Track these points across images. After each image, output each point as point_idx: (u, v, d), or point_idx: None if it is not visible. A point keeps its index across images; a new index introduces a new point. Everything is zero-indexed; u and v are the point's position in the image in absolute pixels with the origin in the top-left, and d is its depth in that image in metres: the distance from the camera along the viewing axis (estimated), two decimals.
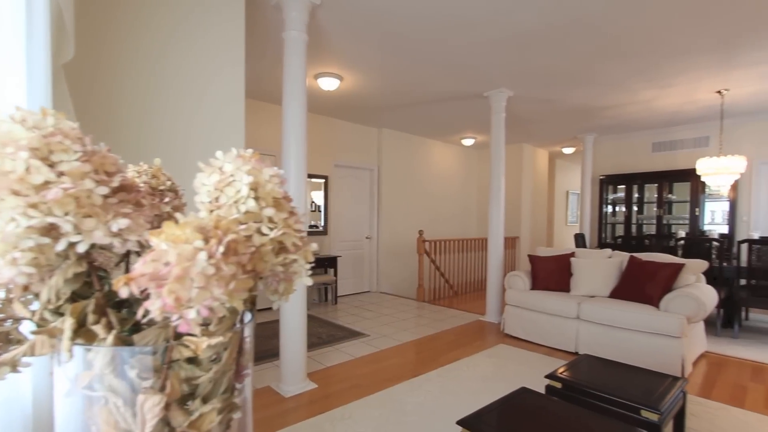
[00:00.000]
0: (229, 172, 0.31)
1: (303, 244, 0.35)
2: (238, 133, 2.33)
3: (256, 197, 0.31)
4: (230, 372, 0.38)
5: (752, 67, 3.82)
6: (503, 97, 4.54)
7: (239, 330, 0.36)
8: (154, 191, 0.43)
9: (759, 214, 5.59)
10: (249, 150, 0.34)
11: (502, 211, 4.69)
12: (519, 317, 4.01)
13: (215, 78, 2.24)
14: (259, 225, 0.30)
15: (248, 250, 0.29)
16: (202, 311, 0.25)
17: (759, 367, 3.28)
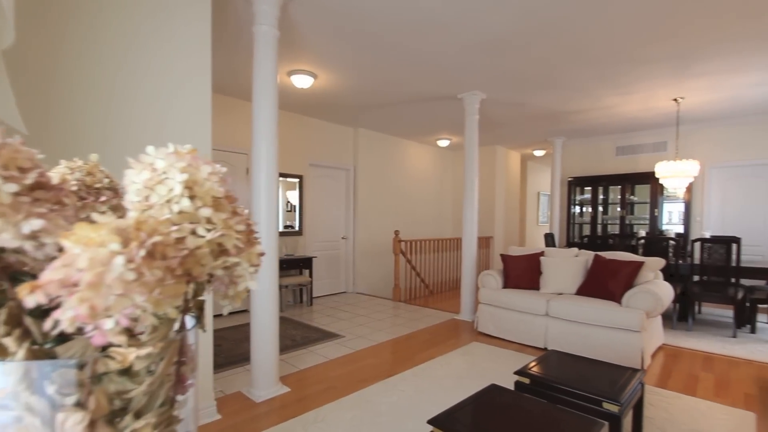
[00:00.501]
0: (161, 169, 0.29)
1: (247, 246, 0.33)
2: (203, 130, 2.25)
3: (191, 196, 0.29)
4: (168, 383, 0.35)
5: (704, 78, 4.04)
6: (476, 99, 4.61)
7: (177, 339, 0.34)
8: (88, 190, 0.40)
9: (711, 214, 5.93)
10: (187, 146, 0.32)
11: (476, 212, 4.77)
12: (492, 315, 4.08)
13: (179, 70, 2.16)
14: (194, 226, 0.29)
15: (180, 253, 0.27)
16: (121, 321, 0.23)
17: (709, 357, 3.48)
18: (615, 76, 4.03)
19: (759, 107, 5.08)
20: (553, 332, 3.60)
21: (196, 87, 2.22)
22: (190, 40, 2.19)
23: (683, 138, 6.04)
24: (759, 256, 5.61)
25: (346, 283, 6.61)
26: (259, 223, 2.67)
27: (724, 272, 4.09)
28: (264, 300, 2.70)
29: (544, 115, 5.54)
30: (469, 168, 4.72)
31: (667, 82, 4.20)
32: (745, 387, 2.87)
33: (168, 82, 2.11)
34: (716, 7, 2.72)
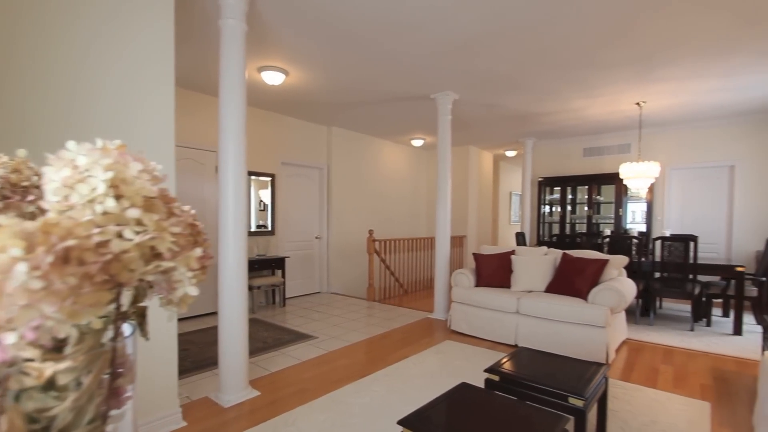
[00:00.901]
0: (83, 167, 0.26)
1: (184, 249, 0.31)
2: (166, 126, 2.17)
3: (118, 196, 0.27)
4: (99, 397, 0.33)
5: (665, 83, 4.24)
6: (449, 99, 4.66)
7: (107, 350, 0.31)
8: (14, 188, 0.37)
9: (671, 214, 6.24)
10: (116, 141, 0.29)
11: (449, 211, 4.82)
12: (464, 313, 4.13)
13: (139, 64, 2.07)
14: (121, 228, 0.26)
15: (101, 258, 0.24)
16: (27, 334, 0.21)
17: (669, 351, 3.65)
18: (581, 79, 4.16)
19: (716, 112, 5.38)
20: (523, 329, 3.68)
21: (159, 81, 2.13)
22: (151, 32, 2.10)
23: (645, 140, 6.33)
24: (714, 253, 5.95)
25: (320, 283, 6.54)
26: (227, 223, 2.60)
27: (683, 269, 4.31)
28: (232, 301, 2.62)
29: (515, 116, 5.66)
30: (442, 168, 4.77)
31: (630, 87, 4.38)
32: (701, 378, 3.03)
33: (128, 76, 2.02)
34: (673, 19, 2.85)
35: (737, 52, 3.47)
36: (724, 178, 5.88)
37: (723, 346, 3.75)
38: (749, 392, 2.78)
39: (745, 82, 4.22)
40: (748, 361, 3.41)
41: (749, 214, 5.63)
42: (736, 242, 5.73)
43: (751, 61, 3.66)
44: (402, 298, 6.33)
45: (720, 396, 2.72)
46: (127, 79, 2.01)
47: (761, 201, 5.55)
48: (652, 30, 3.05)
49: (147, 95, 2.09)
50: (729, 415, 2.45)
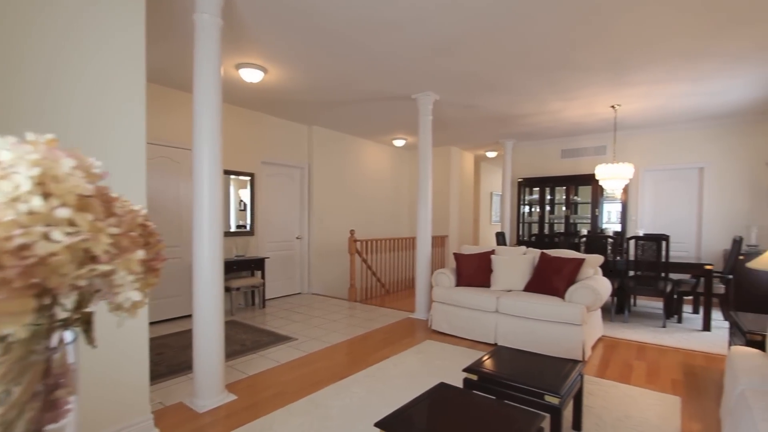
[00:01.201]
0: (6, 162, 0.24)
1: (126, 251, 0.29)
2: (136, 123, 2.09)
3: (46, 194, 0.24)
4: (31, 412, 0.30)
5: (638, 87, 4.37)
6: (430, 100, 4.68)
7: (39, 360, 0.29)
8: None
9: (644, 213, 6.44)
10: (47, 135, 0.27)
11: (430, 211, 4.84)
12: (445, 313, 4.15)
13: (107, 57, 1.99)
14: (49, 229, 0.24)
15: (23, 262, 0.22)
16: None
17: (642, 347, 3.76)
18: (557, 81, 4.24)
19: (686, 116, 5.58)
20: (502, 328, 3.72)
21: (129, 78, 2.06)
22: (121, 27, 2.03)
23: (620, 142, 6.51)
24: (685, 252, 6.16)
25: (301, 284, 6.47)
26: (202, 224, 2.54)
27: (655, 267, 4.45)
28: (208, 303, 2.56)
29: (495, 117, 5.74)
30: (423, 168, 4.78)
31: (605, 90, 4.49)
32: (673, 373, 3.13)
33: (97, 73, 1.94)
34: (645, 22, 2.94)
35: (706, 58, 3.60)
36: (694, 179, 6.11)
37: (693, 342, 3.89)
38: (717, 386, 2.88)
39: (713, 87, 4.38)
40: (716, 356, 3.55)
41: (717, 215, 5.86)
42: (705, 241, 5.95)
43: (719, 66, 3.80)
44: (384, 298, 6.33)
45: (690, 390, 2.81)
46: (96, 75, 1.94)
47: (728, 202, 5.79)
48: (624, 33, 3.14)
49: (116, 92, 2.02)
50: (698, 408, 2.54)
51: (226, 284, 5.00)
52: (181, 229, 4.72)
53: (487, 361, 2.20)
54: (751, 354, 2.05)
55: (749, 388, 1.69)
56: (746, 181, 5.67)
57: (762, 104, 5.01)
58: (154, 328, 4.33)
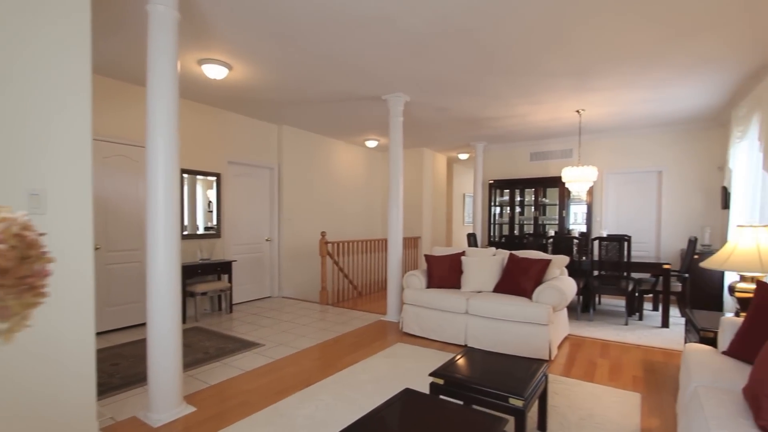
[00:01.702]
0: None
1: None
2: (80, 118, 1.95)
3: None
4: None
5: (600, 93, 4.51)
6: (400, 101, 4.66)
7: None
8: None
9: (608, 215, 6.67)
10: None
11: (401, 212, 4.82)
12: (416, 315, 4.13)
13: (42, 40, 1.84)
14: None
15: None
16: None
17: (606, 345, 3.86)
18: (525, 86, 4.32)
19: (645, 121, 5.81)
20: (472, 329, 3.74)
21: (72, 65, 1.91)
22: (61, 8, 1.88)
23: (585, 146, 6.72)
24: (646, 251, 6.42)
25: (271, 287, 6.31)
26: (156, 226, 2.40)
27: (618, 267, 4.59)
28: (163, 310, 2.42)
29: (466, 120, 5.79)
30: (394, 169, 4.76)
31: (570, 95, 4.61)
32: (634, 370, 3.22)
33: (31, 58, 1.79)
34: (604, 30, 3.02)
35: (661, 66, 3.75)
36: (653, 182, 6.37)
37: (652, 339, 4.03)
38: (674, 382, 2.99)
39: (669, 94, 4.58)
40: (673, 351, 3.69)
41: (675, 216, 6.14)
42: (664, 241, 6.22)
43: (673, 75, 3.97)
44: (356, 300, 6.26)
45: (649, 386, 2.90)
46: (32, 65, 1.78)
47: (684, 204, 6.08)
48: (586, 40, 3.21)
49: (56, 83, 1.87)
50: (657, 404, 2.62)
51: (191, 289, 4.80)
52: (141, 232, 4.49)
53: (453, 364, 2.18)
54: (704, 351, 2.12)
55: (701, 385, 1.74)
56: (700, 185, 5.97)
57: (712, 112, 5.28)
58: (111, 337, 4.09)
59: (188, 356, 3.51)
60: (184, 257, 5.02)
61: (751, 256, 2.38)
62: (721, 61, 3.60)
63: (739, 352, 1.96)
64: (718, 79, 4.12)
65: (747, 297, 2.47)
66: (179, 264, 2.51)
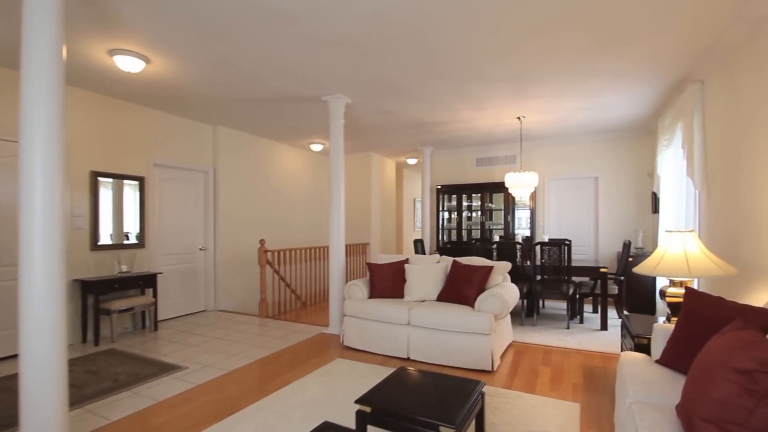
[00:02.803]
0: None
1: None
2: None
3: None
4: None
5: (539, 99, 4.56)
6: (341, 103, 4.44)
7: None
8: None
9: (550, 220, 6.84)
10: None
11: (343, 218, 4.57)
12: (357, 327, 3.90)
13: None
14: None
15: None
16: None
17: (548, 351, 3.85)
18: (467, 91, 4.26)
19: (582, 129, 6.02)
20: (415, 341, 3.56)
21: None
22: None
23: (527, 152, 6.87)
24: (585, 255, 6.65)
25: (206, 300, 5.80)
26: (32, 236, 1.99)
27: (559, 271, 4.65)
28: (40, 337, 2.01)
29: (412, 124, 5.68)
30: (335, 173, 4.52)
31: (511, 102, 4.63)
32: (574, 377, 3.19)
33: None
34: (542, 38, 2.99)
35: (594, 75, 3.83)
36: (590, 188, 6.63)
37: (592, 342, 4.08)
38: (612, 389, 2.98)
39: (602, 103, 4.74)
40: (610, 355, 3.73)
41: (610, 220, 6.41)
42: (602, 245, 6.47)
43: (606, 84, 4.08)
44: (300, 312, 5.91)
45: (588, 394, 2.86)
46: None
47: (619, 209, 6.36)
48: (525, 48, 3.18)
49: None
50: (595, 415, 2.57)
51: (105, 306, 4.25)
52: None
53: (383, 388, 1.97)
54: (638, 360, 2.07)
55: (636, 401, 1.66)
56: (632, 190, 6.28)
57: (642, 121, 5.57)
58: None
59: (91, 386, 3.04)
60: (100, 270, 4.46)
61: (680, 262, 2.40)
62: (646, 71, 3.74)
63: (672, 362, 1.92)
64: (644, 90, 4.30)
65: (677, 302, 2.48)
66: (62, 280, 2.10)
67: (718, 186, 3.26)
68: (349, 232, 7.92)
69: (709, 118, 3.50)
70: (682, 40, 3.13)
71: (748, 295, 2.65)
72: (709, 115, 3.52)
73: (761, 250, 2.50)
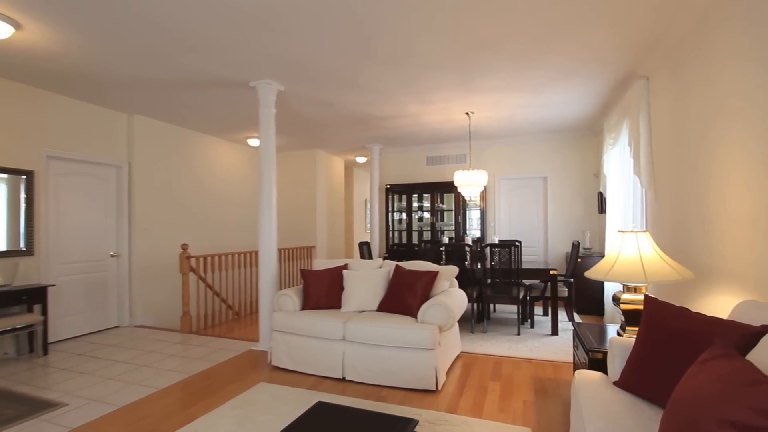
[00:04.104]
0: None
1: None
2: None
3: None
4: None
5: (486, 93, 4.31)
6: (271, 90, 3.92)
7: None
8: None
9: (501, 220, 6.69)
10: None
11: (274, 218, 4.04)
12: (286, 344, 3.39)
13: None
14: None
15: None
16: None
17: (498, 361, 3.56)
18: (411, 80, 3.90)
19: (530, 128, 5.90)
20: (351, 359, 3.12)
21: None
22: None
23: (477, 151, 6.68)
24: (535, 256, 6.54)
25: (119, 314, 5.02)
26: None
27: (509, 274, 4.40)
28: None
29: (357, 118, 5.26)
30: (266, 167, 3.98)
31: (457, 95, 4.33)
32: (525, 393, 2.90)
33: None
34: (487, 18, 2.68)
35: (539, 70, 3.63)
36: (540, 187, 6.54)
37: (543, 350, 3.85)
38: (564, 405, 2.70)
39: (549, 101, 4.58)
40: (562, 364, 3.50)
41: (559, 220, 6.35)
42: (551, 245, 6.39)
43: (551, 80, 3.89)
44: (232, 324, 5.28)
45: (540, 415, 2.57)
46: None
47: (567, 208, 6.31)
48: (466, 29, 2.85)
49: None
50: None
51: None
52: None
53: (295, 429, 1.50)
54: (596, 384, 1.76)
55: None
56: (580, 190, 6.25)
57: (587, 120, 5.52)
58: None
59: None
60: None
61: (635, 266, 2.14)
62: (591, 67, 3.58)
63: (634, 385, 1.62)
64: (590, 87, 4.17)
65: (632, 309, 2.23)
66: None
67: (667, 184, 3.12)
68: (292, 235, 7.34)
69: (656, 115, 3.38)
70: (625, 35, 2.96)
71: (701, 299, 2.47)
72: (655, 112, 3.40)
73: (716, 251, 2.31)
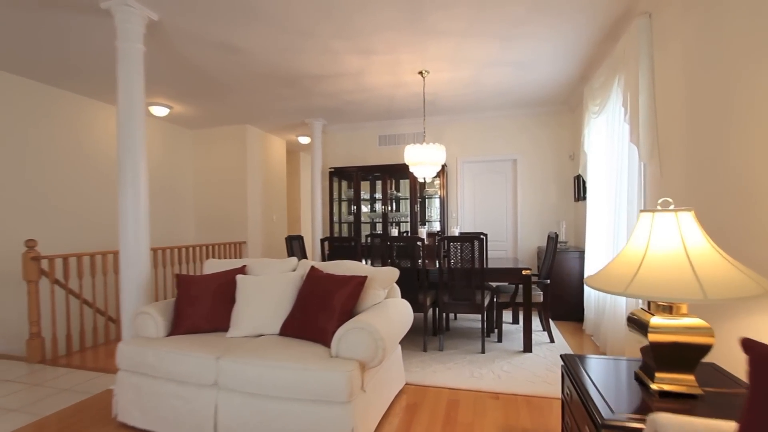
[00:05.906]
0: None
1: None
2: None
3: None
4: None
5: (443, 40, 3.29)
6: (136, 15, 2.70)
7: None
8: None
9: (464, 211, 5.74)
10: None
11: (143, 208, 2.82)
12: (137, 390, 2.23)
13: None
14: None
15: None
16: None
17: (454, 399, 2.56)
18: (343, 14, 2.82)
19: (497, 100, 4.97)
20: (226, 417, 2.00)
21: None
22: None
23: (437, 130, 5.71)
24: (503, 251, 5.65)
25: None
26: None
27: (471, 275, 3.42)
28: None
29: (280, 77, 4.10)
30: (127, 130, 2.74)
31: (407, 39, 3.29)
32: None
33: None
34: None
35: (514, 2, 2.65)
36: (508, 172, 5.65)
37: (515, 375, 2.90)
38: None
39: (520, 56, 3.64)
40: (541, 399, 2.55)
41: (530, 209, 5.48)
42: (521, 238, 5.51)
43: (525, 17, 2.94)
44: (108, 346, 3.99)
45: None
46: None
47: (539, 196, 5.45)
48: None
49: None
50: None
51: None
52: None
53: None
54: None
55: None
56: (553, 174, 5.41)
57: (565, 92, 4.66)
58: None
59: None
60: None
61: (678, 271, 1.18)
62: None
63: None
64: (571, 35, 3.27)
65: (669, 342, 1.26)
66: None
67: (677, 154, 2.21)
68: (217, 227, 6.10)
69: (661, 64, 2.47)
70: None
71: (752, 318, 1.53)
72: (660, 60, 2.49)
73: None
